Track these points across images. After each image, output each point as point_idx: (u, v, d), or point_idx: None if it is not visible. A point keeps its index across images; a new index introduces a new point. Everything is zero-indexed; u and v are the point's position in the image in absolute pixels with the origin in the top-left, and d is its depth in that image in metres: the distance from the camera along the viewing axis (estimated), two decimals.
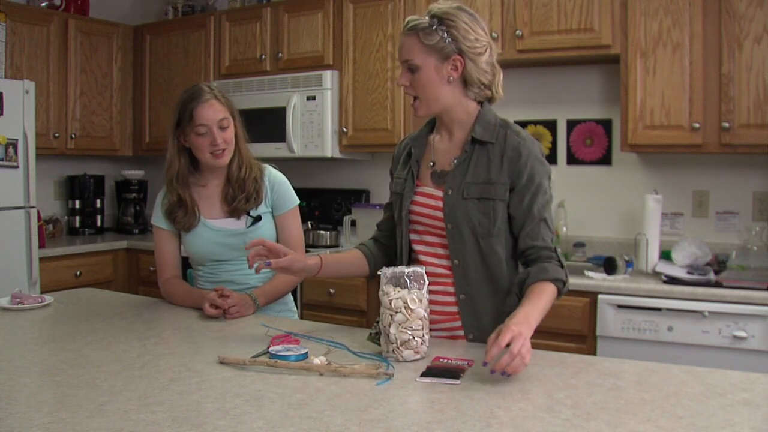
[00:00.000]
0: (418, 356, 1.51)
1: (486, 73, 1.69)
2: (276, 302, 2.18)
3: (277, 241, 2.16)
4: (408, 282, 1.51)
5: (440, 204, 1.70)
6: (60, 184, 4.56)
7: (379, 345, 1.57)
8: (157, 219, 2.21)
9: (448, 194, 1.70)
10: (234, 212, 2.13)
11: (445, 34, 1.63)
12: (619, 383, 1.36)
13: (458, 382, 1.36)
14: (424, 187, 1.76)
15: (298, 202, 2.23)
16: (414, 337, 1.50)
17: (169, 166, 2.16)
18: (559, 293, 1.63)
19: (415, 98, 1.70)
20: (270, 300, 2.13)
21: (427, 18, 1.65)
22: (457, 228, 1.68)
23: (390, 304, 1.50)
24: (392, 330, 1.50)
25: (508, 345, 1.35)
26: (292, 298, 2.31)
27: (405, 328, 1.49)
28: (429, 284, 1.66)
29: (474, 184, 1.67)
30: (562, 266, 1.65)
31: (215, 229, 2.14)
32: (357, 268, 1.89)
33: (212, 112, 2.06)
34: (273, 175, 2.21)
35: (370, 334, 1.65)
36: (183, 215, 2.12)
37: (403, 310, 1.49)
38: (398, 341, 1.50)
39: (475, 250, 1.68)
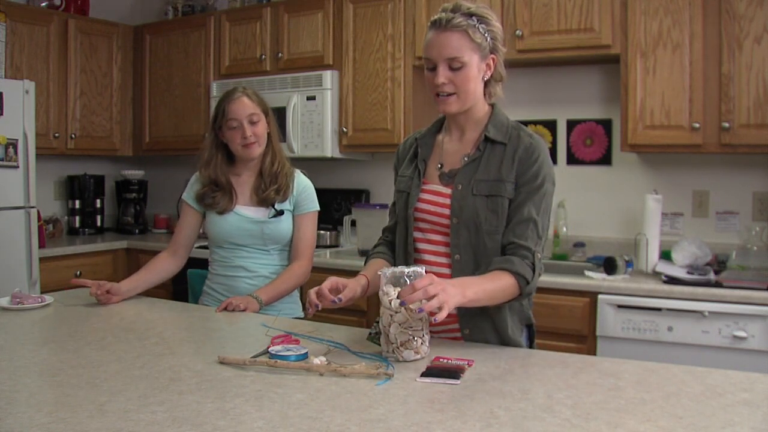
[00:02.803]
0: (418, 356, 1.51)
1: (504, 73, 1.76)
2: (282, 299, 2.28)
3: (291, 239, 2.33)
4: (408, 282, 1.51)
5: (446, 201, 1.71)
6: (60, 184, 4.56)
7: (379, 345, 1.57)
8: (186, 194, 2.38)
9: (458, 189, 1.71)
10: (263, 202, 2.29)
11: (486, 34, 1.67)
12: (619, 383, 1.36)
13: (458, 382, 1.36)
14: (431, 185, 1.77)
15: (319, 209, 2.38)
16: (414, 337, 1.50)
17: (201, 156, 2.35)
18: (521, 292, 1.63)
19: (450, 94, 1.69)
20: (272, 299, 2.20)
21: (461, 15, 1.65)
22: (463, 223, 1.69)
23: (390, 304, 1.50)
24: (392, 330, 1.50)
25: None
26: (298, 293, 2.39)
27: (405, 328, 1.49)
28: None
29: (484, 181, 1.69)
30: (533, 269, 1.63)
31: (240, 215, 2.29)
32: None
33: (242, 108, 2.25)
34: (302, 177, 2.38)
35: (370, 334, 1.65)
36: (221, 197, 2.29)
37: (403, 310, 1.49)
38: (398, 341, 1.50)
39: (479, 246, 1.69)
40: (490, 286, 1.57)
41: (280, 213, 2.28)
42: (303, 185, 2.34)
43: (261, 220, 2.27)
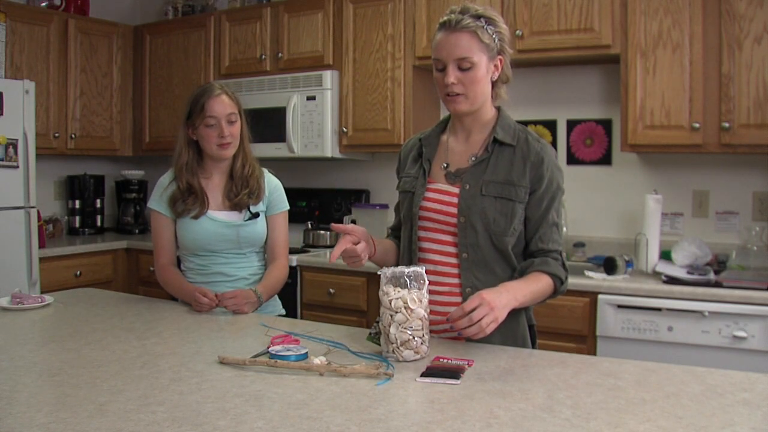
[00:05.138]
0: (418, 356, 1.51)
1: (510, 74, 1.77)
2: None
3: (266, 240, 2.31)
4: (408, 282, 1.51)
5: (454, 200, 1.73)
6: (60, 184, 4.56)
7: (379, 345, 1.57)
8: (157, 203, 2.26)
9: (465, 189, 1.72)
10: (236, 206, 2.23)
11: (494, 35, 1.69)
12: (619, 383, 1.37)
13: (458, 382, 1.36)
14: (436, 184, 1.78)
15: (289, 208, 2.36)
16: (414, 337, 1.50)
17: (179, 155, 2.25)
18: (555, 291, 1.72)
19: (458, 95, 1.70)
20: (272, 293, 2.23)
21: (469, 17, 1.67)
22: (470, 222, 1.70)
23: (390, 304, 1.50)
24: (392, 330, 1.50)
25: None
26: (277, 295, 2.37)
27: (405, 328, 1.49)
28: (434, 283, 1.68)
29: (493, 182, 1.70)
30: (564, 268, 1.73)
31: (214, 220, 2.21)
32: (393, 255, 1.91)
33: (222, 106, 2.18)
34: (271, 178, 2.35)
35: (370, 334, 1.65)
36: (193, 202, 2.20)
37: (403, 310, 1.49)
38: (398, 341, 1.50)
39: (486, 246, 1.71)
40: (534, 288, 1.66)
41: (256, 216, 2.24)
42: (274, 185, 2.32)
43: (236, 223, 2.21)
